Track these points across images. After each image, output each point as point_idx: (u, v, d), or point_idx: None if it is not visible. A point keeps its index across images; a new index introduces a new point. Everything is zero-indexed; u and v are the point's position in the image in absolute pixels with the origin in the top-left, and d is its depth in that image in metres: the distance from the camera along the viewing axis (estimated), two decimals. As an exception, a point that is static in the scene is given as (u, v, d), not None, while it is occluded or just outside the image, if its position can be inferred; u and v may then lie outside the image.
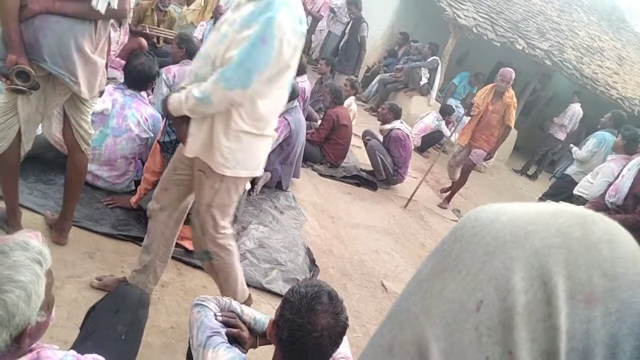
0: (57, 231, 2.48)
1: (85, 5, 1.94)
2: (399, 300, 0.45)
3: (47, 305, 0.98)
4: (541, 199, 5.93)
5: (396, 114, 5.49)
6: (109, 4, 1.98)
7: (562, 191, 5.70)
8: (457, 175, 5.76)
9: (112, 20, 2.21)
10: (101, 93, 2.31)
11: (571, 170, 5.76)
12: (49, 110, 2.23)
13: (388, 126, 5.45)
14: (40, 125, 2.41)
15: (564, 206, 0.41)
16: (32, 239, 0.98)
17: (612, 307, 0.37)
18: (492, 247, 0.39)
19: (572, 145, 6.96)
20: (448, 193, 5.84)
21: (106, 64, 2.26)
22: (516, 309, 0.37)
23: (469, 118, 5.39)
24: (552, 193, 5.89)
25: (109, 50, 2.27)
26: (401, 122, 5.54)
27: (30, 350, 0.94)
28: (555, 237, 0.38)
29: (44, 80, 2.05)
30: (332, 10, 8.73)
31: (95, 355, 1.04)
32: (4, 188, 2.32)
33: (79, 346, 1.31)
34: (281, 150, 4.16)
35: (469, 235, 0.41)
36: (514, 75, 5.13)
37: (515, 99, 5.17)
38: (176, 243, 2.85)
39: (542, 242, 0.38)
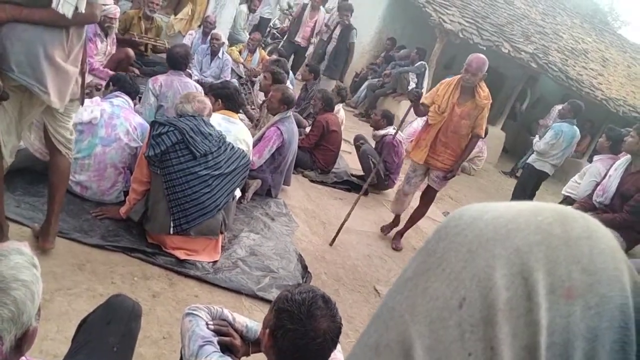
0: (42, 236, 2.45)
1: (53, 13, 1.89)
2: (385, 300, 0.45)
3: (39, 311, 1.00)
4: (515, 190, 6.13)
5: (389, 120, 5.52)
6: (76, 8, 1.92)
7: (529, 179, 6.03)
8: (405, 205, 4.32)
9: (92, 29, 2.15)
10: (83, 101, 2.27)
11: (531, 159, 6.00)
12: (27, 120, 2.19)
13: (381, 132, 5.48)
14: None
15: (544, 204, 0.42)
16: (23, 247, 1.00)
17: (592, 301, 0.38)
18: (475, 245, 0.40)
19: (533, 136, 7.12)
20: (395, 230, 4.42)
21: (83, 71, 2.22)
22: (498, 305, 0.37)
23: (417, 121, 4.85)
24: (521, 182, 6.21)
25: (84, 59, 2.22)
26: (394, 129, 5.57)
27: None
28: (536, 234, 0.39)
29: (20, 90, 2.02)
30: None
31: None
32: None
33: (71, 359, 1.30)
34: (273, 160, 4.16)
35: (452, 233, 0.42)
36: (485, 64, 3.58)
37: (490, 99, 3.72)
38: (168, 253, 2.85)
39: (523, 240, 0.39)
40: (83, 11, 1.97)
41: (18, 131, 2.19)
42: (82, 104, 2.33)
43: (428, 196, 4.22)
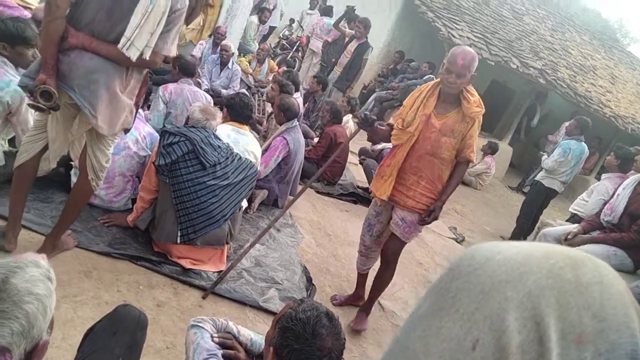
0: (45, 247, 2.48)
1: (118, 51, 2.04)
2: (399, 337, 0.46)
3: (51, 324, 1.00)
4: (523, 207, 6.07)
5: None
6: (141, 54, 2.06)
7: (537, 196, 5.94)
8: (370, 262, 3.16)
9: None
10: (126, 130, 2.38)
11: (540, 176, 5.94)
12: (78, 133, 2.33)
13: (379, 147, 5.51)
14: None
15: (555, 247, 0.43)
16: (41, 260, 1.01)
17: (602, 347, 0.38)
18: (488, 286, 0.40)
19: (542, 153, 7.05)
20: (359, 305, 3.19)
21: (137, 103, 2.35)
22: (510, 348, 0.38)
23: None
24: (530, 199, 6.11)
25: (141, 93, 2.35)
26: None
27: None
28: (548, 278, 0.39)
29: (74, 107, 2.17)
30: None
31: None
32: (13, 198, 2.38)
33: (76, 369, 1.30)
34: (279, 169, 4.18)
35: (465, 273, 0.42)
36: (474, 60, 2.58)
37: (483, 108, 2.64)
38: (173, 262, 2.86)
39: (535, 284, 0.39)
40: (147, 58, 2.10)
41: (67, 141, 2.35)
42: (125, 132, 2.43)
43: (391, 250, 2.93)
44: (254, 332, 1.72)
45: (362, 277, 3.25)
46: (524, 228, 5.91)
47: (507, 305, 0.39)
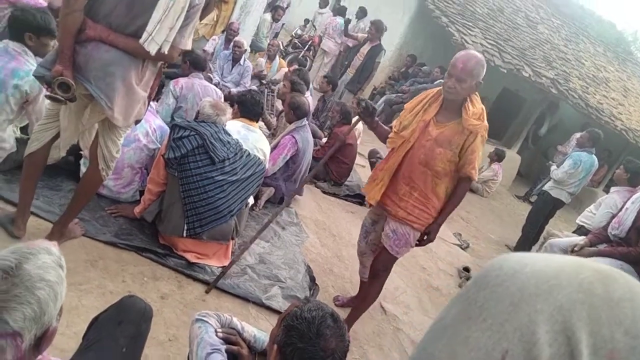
0: (53, 234, 2.50)
1: (136, 44, 2.05)
2: (423, 345, 0.46)
3: (60, 311, 1.01)
4: (529, 216, 6.02)
5: None
6: (160, 48, 2.07)
7: (544, 206, 5.89)
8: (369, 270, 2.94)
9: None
10: (137, 121, 2.40)
11: (548, 186, 5.89)
12: (89, 123, 2.34)
13: None
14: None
15: (584, 261, 0.43)
16: (52, 247, 1.02)
17: None
18: (517, 298, 0.40)
19: (551, 163, 6.99)
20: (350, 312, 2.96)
21: (150, 95, 2.37)
22: None
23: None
24: (536, 208, 6.06)
25: (154, 85, 2.37)
26: None
27: None
28: (579, 292, 0.39)
29: (88, 98, 2.18)
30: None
31: None
32: (23, 185, 2.40)
33: (80, 356, 1.31)
34: (287, 168, 4.18)
35: (493, 284, 0.42)
36: (479, 66, 2.36)
37: (485, 121, 2.42)
38: (178, 255, 2.87)
39: (566, 297, 0.39)
40: (165, 52, 2.12)
41: (77, 130, 2.37)
42: (136, 123, 2.44)
43: (382, 263, 2.76)
44: (257, 329, 1.73)
45: (364, 284, 3.13)
46: (530, 237, 5.88)
47: (538, 317, 0.39)
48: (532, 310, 0.39)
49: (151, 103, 3.42)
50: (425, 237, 2.60)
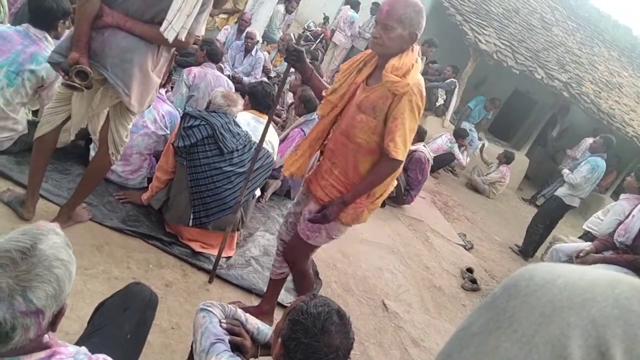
0: (60, 216, 2.51)
1: (154, 31, 2.06)
2: (448, 352, 0.45)
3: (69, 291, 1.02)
4: (535, 218, 5.94)
5: (420, 136, 5.51)
6: (177, 35, 2.08)
7: (555, 211, 5.78)
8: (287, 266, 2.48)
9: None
10: (148, 105, 2.41)
11: (561, 192, 5.75)
12: (99, 108, 2.36)
13: (412, 147, 5.47)
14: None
15: (619, 275, 0.42)
16: (56, 228, 1.03)
17: None
18: (549, 310, 0.39)
19: (563, 167, 6.91)
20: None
21: (162, 82, 2.39)
22: None
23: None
24: (545, 212, 5.94)
25: (167, 71, 2.39)
26: (424, 146, 5.55)
27: (45, 347, 0.95)
28: (614, 308, 0.39)
29: (101, 83, 2.19)
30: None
31: (106, 356, 1.05)
32: (33, 167, 2.42)
33: (85, 341, 1.32)
34: (294, 160, 4.17)
35: (524, 294, 0.41)
36: (406, 10, 1.96)
37: (421, 87, 1.95)
38: (183, 244, 2.88)
39: (600, 312, 0.38)
40: (182, 39, 2.13)
41: (88, 114, 2.39)
42: (147, 107, 2.46)
43: (290, 252, 2.35)
44: (261, 321, 1.73)
45: (274, 285, 2.52)
46: (534, 239, 5.85)
47: (570, 331, 0.38)
48: (565, 323, 0.38)
49: (160, 90, 3.44)
50: (326, 210, 2.07)
